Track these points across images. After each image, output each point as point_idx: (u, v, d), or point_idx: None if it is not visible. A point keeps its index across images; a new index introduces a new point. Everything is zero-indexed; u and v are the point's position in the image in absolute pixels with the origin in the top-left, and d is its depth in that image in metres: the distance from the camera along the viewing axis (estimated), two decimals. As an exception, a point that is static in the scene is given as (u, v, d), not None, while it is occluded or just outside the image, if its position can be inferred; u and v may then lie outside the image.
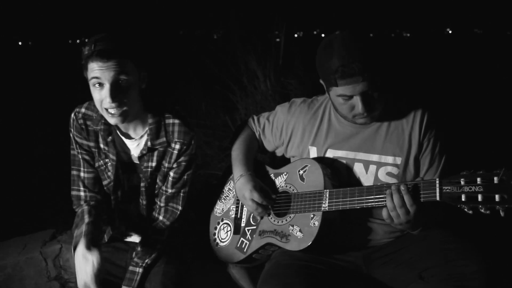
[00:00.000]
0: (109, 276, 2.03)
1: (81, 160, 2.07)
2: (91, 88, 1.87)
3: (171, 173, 2.04)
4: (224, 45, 4.63)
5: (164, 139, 2.00)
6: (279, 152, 2.21)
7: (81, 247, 1.83)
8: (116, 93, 1.82)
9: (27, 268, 2.66)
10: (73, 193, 2.10)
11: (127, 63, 1.84)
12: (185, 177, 2.05)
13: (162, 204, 2.08)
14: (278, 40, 4.65)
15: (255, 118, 2.26)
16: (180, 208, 2.08)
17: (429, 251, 1.84)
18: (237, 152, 2.16)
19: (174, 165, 2.03)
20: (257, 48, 4.43)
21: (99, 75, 1.80)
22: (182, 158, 2.02)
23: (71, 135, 2.07)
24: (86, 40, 1.88)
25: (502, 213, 1.52)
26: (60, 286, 2.66)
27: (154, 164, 2.03)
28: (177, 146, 2.00)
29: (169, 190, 2.06)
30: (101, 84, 1.83)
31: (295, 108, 2.13)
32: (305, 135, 2.06)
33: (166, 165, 2.04)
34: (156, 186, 2.08)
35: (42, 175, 4.72)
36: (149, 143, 1.99)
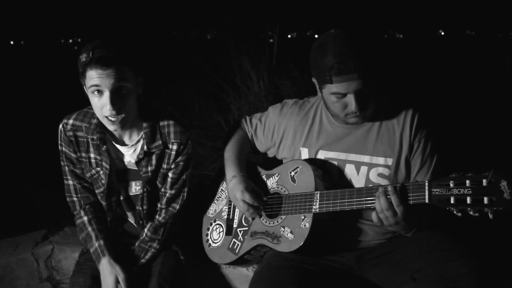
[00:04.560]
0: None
1: (69, 172, 2.10)
2: (90, 95, 1.88)
3: (170, 174, 2.07)
4: (218, 46, 4.63)
5: (160, 142, 2.01)
6: (270, 153, 2.21)
7: (105, 263, 1.98)
8: (116, 100, 1.84)
9: (18, 269, 2.64)
10: (68, 199, 2.16)
11: (126, 70, 1.86)
12: (184, 177, 2.08)
13: (163, 206, 2.10)
14: (271, 40, 4.65)
15: (248, 118, 2.27)
16: (178, 207, 2.10)
17: (421, 253, 1.85)
18: (229, 153, 2.16)
19: (173, 166, 2.05)
20: (251, 49, 4.42)
21: (98, 82, 1.81)
22: (180, 158, 2.04)
23: (59, 146, 2.08)
24: (82, 47, 1.87)
25: (490, 216, 1.53)
26: (52, 287, 2.64)
27: (152, 168, 2.04)
28: (175, 147, 2.02)
29: (169, 191, 2.08)
30: (100, 92, 1.84)
31: (286, 109, 2.13)
32: (296, 136, 2.07)
33: (165, 166, 2.06)
34: (159, 191, 2.10)
35: (34, 176, 4.69)
36: (145, 147, 2.00)
